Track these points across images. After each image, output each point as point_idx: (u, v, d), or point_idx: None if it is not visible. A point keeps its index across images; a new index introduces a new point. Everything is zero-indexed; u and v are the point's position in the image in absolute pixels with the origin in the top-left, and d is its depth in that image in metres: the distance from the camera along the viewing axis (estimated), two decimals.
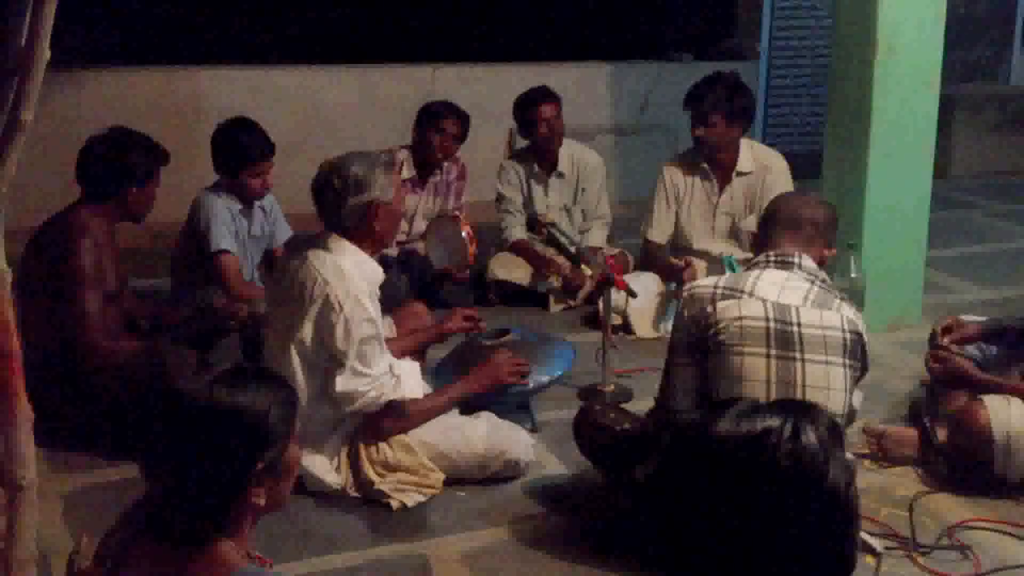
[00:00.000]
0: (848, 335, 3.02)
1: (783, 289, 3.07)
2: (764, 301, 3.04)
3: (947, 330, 3.96)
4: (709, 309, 3.08)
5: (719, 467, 1.43)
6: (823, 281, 3.13)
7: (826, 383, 2.96)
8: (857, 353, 3.05)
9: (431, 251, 5.47)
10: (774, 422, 1.43)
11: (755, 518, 1.39)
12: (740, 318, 3.03)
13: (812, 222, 3.24)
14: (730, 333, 3.03)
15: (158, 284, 5.41)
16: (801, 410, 1.46)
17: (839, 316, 3.04)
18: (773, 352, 2.99)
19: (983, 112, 9.13)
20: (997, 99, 9.26)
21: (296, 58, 7.70)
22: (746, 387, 2.94)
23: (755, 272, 3.16)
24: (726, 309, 3.05)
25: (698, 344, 3.10)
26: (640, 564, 3.02)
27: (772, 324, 3.01)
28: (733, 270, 4.39)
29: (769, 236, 3.27)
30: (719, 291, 3.11)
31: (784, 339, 3.00)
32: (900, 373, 4.58)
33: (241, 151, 4.66)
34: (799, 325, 3.00)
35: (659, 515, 1.51)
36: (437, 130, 5.50)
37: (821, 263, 3.22)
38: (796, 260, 3.14)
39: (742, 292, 3.08)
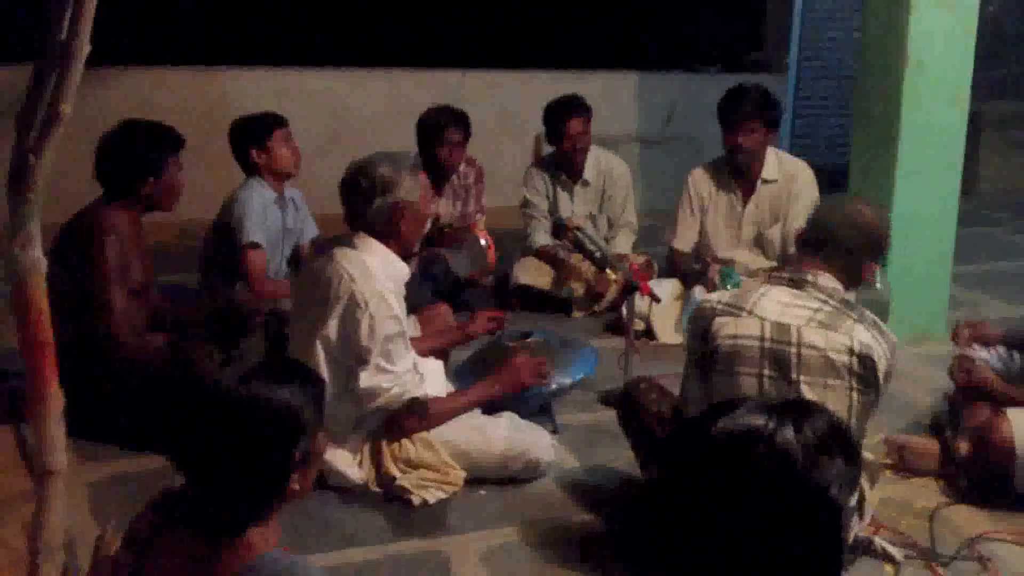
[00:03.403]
0: (856, 359, 2.88)
1: (787, 308, 2.97)
2: (762, 320, 2.96)
3: (970, 325, 3.93)
4: (709, 325, 3.04)
5: (704, 467, 1.44)
6: (840, 301, 2.98)
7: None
8: (869, 378, 2.90)
9: (454, 262, 5.50)
10: (759, 421, 1.43)
11: (734, 518, 1.40)
12: (735, 336, 2.97)
13: (845, 241, 3.05)
14: (724, 351, 2.98)
15: (185, 281, 5.45)
16: (793, 411, 1.46)
17: (848, 338, 2.89)
18: (766, 373, 2.93)
19: (1011, 130, 9.10)
20: None
21: (325, 61, 7.75)
22: None
23: (762, 289, 3.08)
24: (723, 326, 3.00)
25: (701, 360, 3.08)
26: (658, 566, 3.04)
27: (767, 344, 2.93)
28: (730, 282, 4.42)
29: (798, 250, 3.20)
30: (719, 307, 3.05)
31: (779, 360, 2.92)
32: (923, 386, 4.57)
33: (258, 123, 4.81)
34: (798, 346, 2.91)
35: (661, 515, 1.52)
36: (442, 143, 5.52)
37: (858, 278, 3.09)
38: (810, 279, 3.01)
39: (741, 309, 3.01)
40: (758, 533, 1.38)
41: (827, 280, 3.02)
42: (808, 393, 2.89)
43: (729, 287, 4.57)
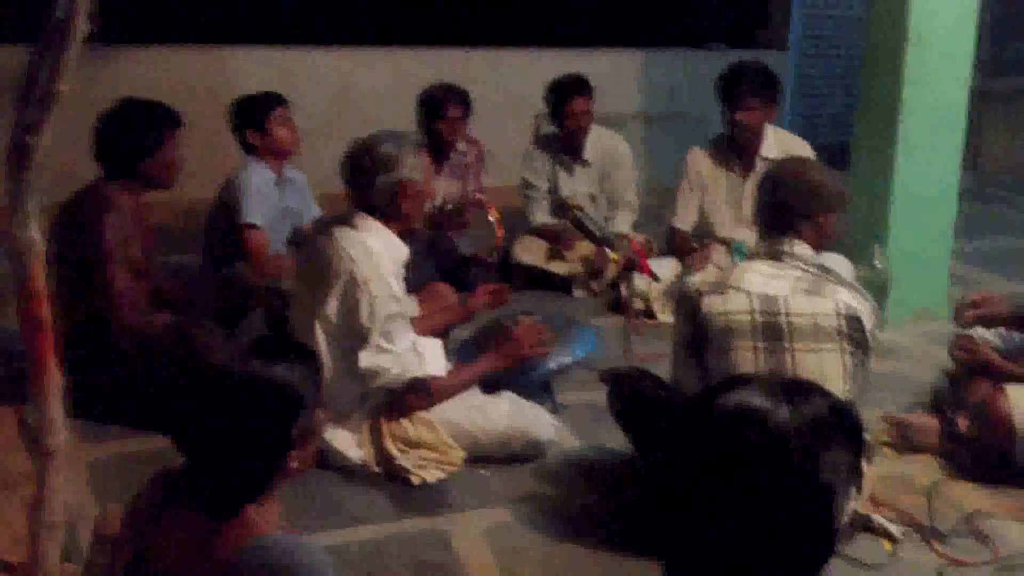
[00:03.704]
0: (843, 320, 2.94)
1: (771, 279, 3.01)
2: (749, 294, 2.99)
3: (974, 304, 3.92)
4: (696, 306, 3.06)
5: (701, 447, 1.44)
6: (818, 267, 3.04)
7: (819, 372, 2.90)
8: (859, 338, 2.96)
9: (461, 240, 5.50)
10: (756, 403, 1.43)
11: (727, 500, 1.41)
12: (725, 313, 3.00)
13: (802, 208, 3.08)
14: (717, 329, 3.00)
15: (188, 261, 5.46)
16: (791, 392, 1.46)
17: (832, 302, 2.95)
18: (761, 344, 2.96)
19: (1015, 107, 9.04)
20: None
21: (328, 40, 7.73)
22: None
23: (744, 264, 3.13)
24: (711, 305, 3.02)
25: (693, 341, 3.09)
26: (657, 545, 3.05)
27: (758, 316, 2.96)
28: (742, 255, 4.39)
29: (761, 227, 3.21)
30: (704, 288, 3.07)
31: (772, 330, 2.96)
32: (923, 363, 4.58)
33: (256, 103, 4.81)
34: (787, 315, 2.95)
35: (658, 494, 1.52)
36: (442, 119, 5.52)
37: (822, 236, 3.11)
38: (788, 249, 3.06)
39: (726, 287, 3.04)
40: (749, 514, 1.39)
41: (802, 248, 3.07)
42: (803, 360, 2.93)
43: (738, 261, 4.57)
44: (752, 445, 1.40)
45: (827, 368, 2.92)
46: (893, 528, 3.20)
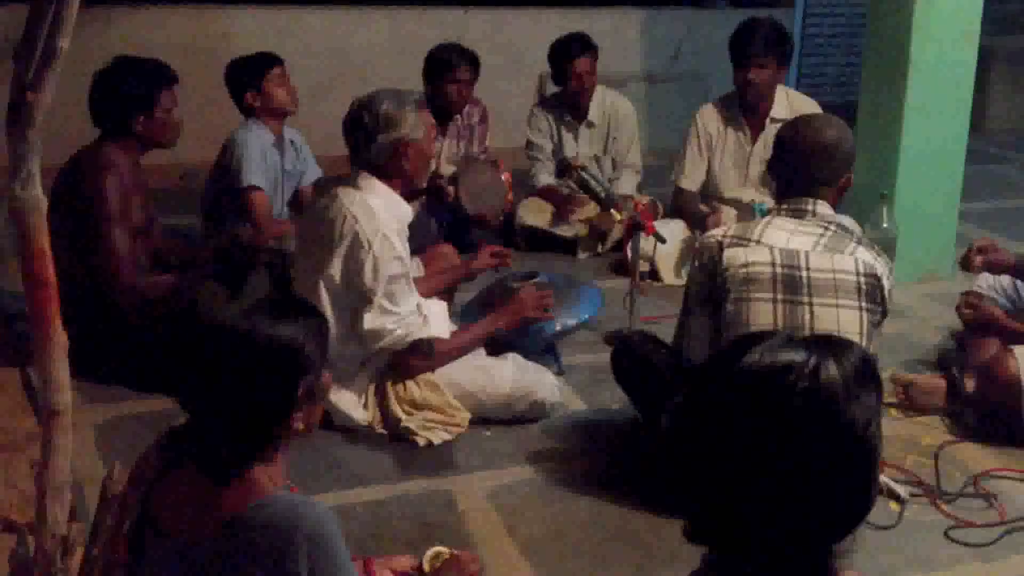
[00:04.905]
0: (863, 278, 2.95)
1: (792, 235, 3.01)
2: (771, 248, 2.99)
3: (982, 250, 3.89)
4: (716, 258, 3.06)
5: (738, 401, 1.42)
6: (839, 227, 3.03)
7: (836, 326, 2.91)
8: (876, 297, 2.97)
9: (465, 195, 5.43)
10: (799, 356, 1.41)
11: (769, 455, 1.39)
12: (746, 265, 2.99)
13: (824, 172, 3.06)
14: (736, 280, 3.00)
15: (188, 223, 5.42)
16: (829, 346, 1.44)
17: (853, 260, 2.96)
18: (780, 297, 2.96)
19: (1020, 66, 8.97)
20: None
21: None
22: None
23: (766, 219, 3.12)
24: (732, 257, 3.02)
25: (710, 294, 3.08)
26: (662, 505, 3.05)
27: (779, 269, 2.97)
28: (763, 214, 4.35)
29: (780, 188, 3.19)
30: (727, 240, 3.06)
31: (791, 284, 2.96)
32: (930, 324, 4.57)
33: (252, 64, 4.76)
34: (807, 269, 2.96)
35: (680, 450, 1.49)
36: (452, 80, 5.46)
37: (841, 194, 3.12)
38: (810, 208, 3.05)
39: (749, 240, 3.03)
40: (795, 470, 1.37)
41: (824, 208, 3.07)
42: (821, 314, 2.94)
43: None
44: (804, 401, 1.37)
45: (844, 324, 2.92)
46: (900, 488, 3.20)
